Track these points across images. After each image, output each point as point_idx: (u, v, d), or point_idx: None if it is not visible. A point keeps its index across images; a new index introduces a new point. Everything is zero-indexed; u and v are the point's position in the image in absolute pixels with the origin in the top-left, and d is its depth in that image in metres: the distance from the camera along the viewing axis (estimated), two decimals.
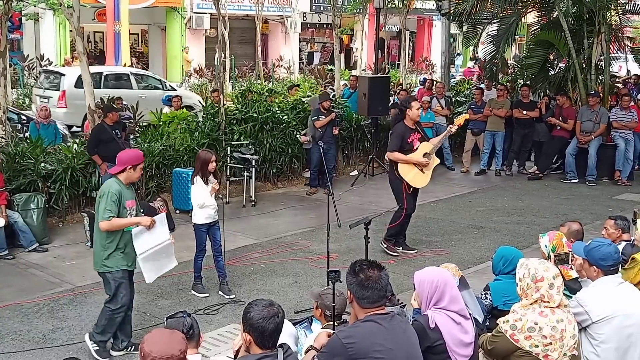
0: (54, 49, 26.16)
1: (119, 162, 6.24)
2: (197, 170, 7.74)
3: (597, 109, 13.63)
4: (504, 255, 5.54)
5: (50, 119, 12.24)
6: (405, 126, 8.86)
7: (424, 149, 8.85)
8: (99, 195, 6.14)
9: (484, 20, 16.81)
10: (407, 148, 8.82)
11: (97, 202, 6.14)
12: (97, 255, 6.26)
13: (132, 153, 6.53)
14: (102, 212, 6.03)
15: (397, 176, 8.91)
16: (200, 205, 7.62)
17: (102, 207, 6.04)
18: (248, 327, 3.59)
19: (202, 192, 7.61)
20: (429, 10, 32.51)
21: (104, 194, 6.07)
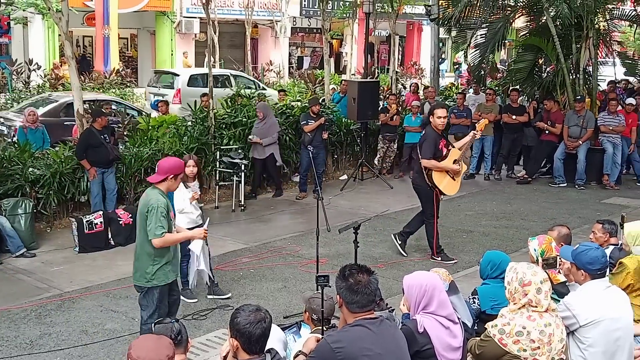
0: (43, 53, 26.03)
1: (161, 170, 5.93)
2: None
3: (584, 113, 13.70)
4: (491, 260, 5.55)
5: (38, 123, 12.17)
6: (435, 132, 8.81)
7: (453, 156, 8.79)
8: (146, 210, 5.79)
9: (473, 25, 16.87)
10: (438, 155, 8.77)
11: (143, 217, 5.81)
12: (141, 270, 5.93)
13: (174, 162, 6.18)
14: (153, 228, 5.73)
15: (429, 184, 8.83)
16: (179, 211, 7.53)
17: (153, 224, 5.74)
18: (235, 332, 3.58)
19: (180, 197, 7.52)
20: (418, 15, 32.57)
21: (152, 209, 5.75)
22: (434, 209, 8.92)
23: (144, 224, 5.83)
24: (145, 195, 5.94)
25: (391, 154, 14.78)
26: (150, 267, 5.90)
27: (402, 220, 11.11)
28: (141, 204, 5.92)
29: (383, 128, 14.53)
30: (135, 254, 6.02)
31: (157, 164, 6.05)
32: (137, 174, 11.26)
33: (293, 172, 13.75)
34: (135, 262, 6.01)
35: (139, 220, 5.89)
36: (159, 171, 5.94)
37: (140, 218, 5.88)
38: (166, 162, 6.05)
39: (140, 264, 5.96)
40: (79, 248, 9.53)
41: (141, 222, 5.86)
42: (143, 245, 5.91)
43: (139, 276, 5.97)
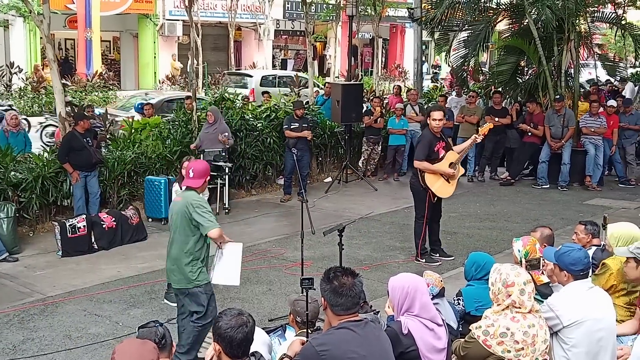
0: (25, 56, 25.89)
1: (198, 174, 5.95)
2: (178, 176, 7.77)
3: (564, 112, 13.79)
4: (475, 261, 5.58)
5: (19, 127, 12.08)
6: (432, 134, 8.79)
7: (449, 159, 8.78)
8: (191, 208, 5.79)
9: (455, 28, 16.95)
10: (433, 157, 8.76)
11: (185, 216, 5.83)
12: (184, 272, 5.93)
13: (206, 165, 6.24)
14: (209, 220, 5.79)
15: (422, 185, 8.84)
16: None
17: (207, 217, 5.80)
18: (217, 336, 3.58)
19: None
20: (401, 17, 32.71)
21: (200, 205, 5.82)
22: (425, 210, 8.92)
23: (185, 224, 5.87)
24: (183, 197, 5.97)
25: (375, 156, 14.81)
26: (191, 267, 5.93)
27: (387, 222, 11.17)
28: (180, 205, 5.93)
29: (367, 130, 14.56)
30: (172, 258, 6.02)
31: (192, 168, 6.01)
32: (120, 178, 11.20)
33: (277, 175, 13.74)
34: (174, 266, 6.00)
35: (179, 221, 5.91)
36: (196, 175, 5.95)
37: (180, 219, 5.89)
38: (200, 165, 6.11)
39: (181, 266, 5.95)
40: (62, 252, 9.47)
41: (181, 223, 5.88)
42: (183, 246, 5.92)
43: (180, 279, 5.95)
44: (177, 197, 6.07)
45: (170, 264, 6.08)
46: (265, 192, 13.38)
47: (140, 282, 8.49)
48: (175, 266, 6.01)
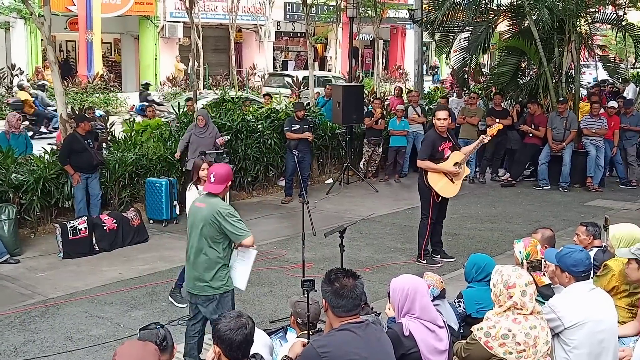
0: (26, 58, 25.89)
1: (220, 179, 5.76)
2: (191, 177, 7.79)
3: (567, 115, 13.80)
4: (476, 263, 5.57)
5: (21, 128, 12.08)
6: (437, 134, 8.81)
7: (454, 159, 8.78)
8: (219, 216, 5.61)
9: (456, 29, 16.95)
10: (437, 156, 8.76)
11: (213, 224, 5.63)
12: (212, 280, 5.74)
13: (229, 169, 5.99)
14: (243, 229, 5.65)
15: (426, 185, 8.85)
16: None
17: (240, 225, 5.65)
18: (216, 339, 3.59)
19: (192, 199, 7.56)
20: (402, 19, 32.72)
21: (231, 214, 5.65)
22: (429, 210, 8.93)
23: (213, 232, 5.67)
24: (208, 204, 5.72)
25: (376, 158, 14.81)
26: (221, 273, 5.78)
27: (388, 223, 11.17)
28: (206, 213, 5.69)
29: (368, 132, 14.57)
30: (199, 266, 5.77)
31: (213, 173, 5.79)
32: (121, 179, 11.20)
33: (278, 176, 13.74)
34: (200, 274, 5.78)
35: (206, 229, 5.68)
36: (217, 180, 5.74)
37: (207, 227, 5.67)
38: (223, 170, 5.87)
39: (210, 273, 5.75)
40: (63, 254, 9.47)
41: (209, 232, 5.67)
42: (212, 254, 5.73)
43: (207, 286, 5.77)
44: (199, 203, 5.83)
45: (195, 272, 5.82)
46: (266, 194, 13.39)
47: (141, 283, 8.49)
48: (203, 274, 5.78)
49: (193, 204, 5.95)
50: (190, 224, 5.88)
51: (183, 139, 11.72)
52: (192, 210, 5.93)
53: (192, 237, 5.83)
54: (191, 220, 5.88)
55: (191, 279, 5.87)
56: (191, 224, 5.85)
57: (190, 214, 5.93)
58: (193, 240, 5.81)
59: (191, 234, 5.85)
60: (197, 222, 5.76)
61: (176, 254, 9.60)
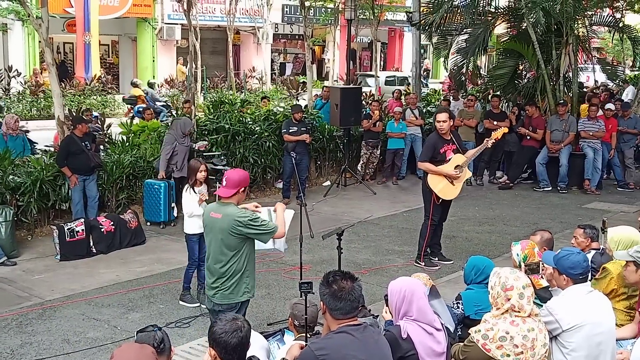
0: (23, 60, 25.88)
1: (231, 184, 5.56)
2: (187, 179, 7.80)
3: (566, 117, 13.83)
4: (475, 265, 5.57)
5: (19, 130, 12.06)
6: (438, 136, 8.83)
7: (456, 161, 8.80)
8: (244, 225, 5.45)
9: (454, 32, 16.96)
10: (439, 159, 8.78)
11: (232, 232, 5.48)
12: (237, 287, 5.68)
13: (243, 174, 5.77)
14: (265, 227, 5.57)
15: (427, 186, 8.88)
16: (188, 215, 7.65)
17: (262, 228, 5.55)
18: (212, 341, 3.58)
19: (189, 201, 7.61)
20: (399, 21, 32.75)
21: (250, 219, 5.47)
22: (431, 211, 8.94)
23: (234, 242, 5.56)
24: (225, 215, 5.54)
25: (374, 160, 14.81)
26: (247, 280, 5.72)
27: (386, 225, 11.16)
28: (223, 223, 5.52)
29: (366, 134, 14.57)
30: (219, 274, 5.64)
31: (226, 176, 5.65)
32: (118, 181, 11.19)
33: (276, 179, 13.73)
34: (221, 283, 5.67)
35: (226, 239, 5.55)
36: (228, 184, 5.57)
37: (226, 237, 5.54)
38: (235, 175, 5.66)
39: (231, 282, 5.66)
40: (60, 256, 9.45)
41: (229, 241, 5.56)
42: (231, 263, 5.62)
43: (231, 295, 5.68)
44: (215, 213, 5.62)
45: (218, 282, 5.67)
46: (263, 196, 13.37)
47: (138, 286, 8.47)
48: (226, 283, 5.66)
49: (208, 214, 5.72)
50: (207, 234, 5.76)
51: (165, 155, 11.07)
52: (207, 221, 5.73)
53: (212, 248, 5.70)
54: (208, 230, 5.73)
55: (213, 287, 5.74)
56: (208, 234, 5.73)
57: (207, 224, 5.75)
58: (214, 251, 5.68)
59: (210, 245, 5.72)
60: (215, 233, 5.62)
61: (173, 256, 9.60)
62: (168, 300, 7.97)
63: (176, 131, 11.19)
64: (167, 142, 11.17)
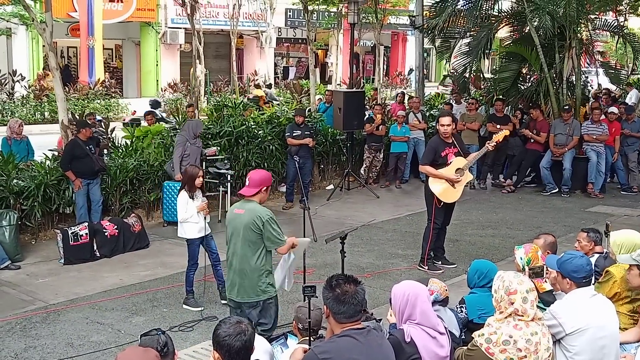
0: (27, 64, 25.95)
1: (254, 183, 5.82)
2: (183, 184, 7.79)
3: (571, 122, 13.82)
4: (478, 269, 5.56)
5: (22, 134, 12.09)
6: (440, 139, 8.84)
7: (457, 164, 8.80)
8: (259, 221, 5.70)
9: (457, 35, 16.98)
10: (440, 162, 8.79)
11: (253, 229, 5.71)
12: (253, 284, 5.81)
13: (265, 174, 6.03)
14: (279, 236, 5.79)
15: (428, 190, 8.90)
16: (182, 220, 7.67)
17: (278, 231, 5.77)
18: (216, 345, 3.58)
19: (184, 207, 7.65)
20: (402, 25, 32.78)
21: (270, 218, 5.74)
22: (433, 214, 8.95)
23: (255, 237, 5.75)
24: (247, 210, 5.80)
25: (377, 164, 14.81)
26: (264, 279, 5.84)
27: (389, 229, 11.16)
28: (246, 218, 5.76)
29: (369, 138, 14.58)
30: (242, 272, 5.83)
31: (248, 176, 5.93)
32: (122, 185, 11.21)
33: (279, 182, 13.74)
34: (243, 280, 5.84)
35: (248, 234, 5.75)
36: (251, 184, 5.82)
37: (248, 232, 5.74)
38: (257, 175, 5.92)
39: (251, 279, 5.81)
40: (64, 260, 9.47)
41: (250, 237, 5.74)
42: (254, 260, 5.78)
43: (250, 292, 5.82)
44: (238, 209, 5.88)
45: (238, 278, 5.86)
46: (267, 200, 13.35)
47: (142, 289, 8.48)
48: (246, 280, 5.83)
49: (231, 210, 5.99)
50: (230, 231, 5.90)
51: (177, 157, 11.12)
52: (230, 217, 5.95)
53: (234, 244, 5.86)
54: (231, 227, 5.89)
55: (234, 285, 5.88)
56: (231, 231, 5.88)
57: (229, 221, 5.94)
58: (235, 247, 5.85)
59: (232, 241, 5.88)
60: (238, 229, 5.81)
61: (177, 260, 9.60)
62: (172, 304, 7.98)
63: (188, 132, 11.31)
64: (178, 143, 11.26)
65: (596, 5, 15.85)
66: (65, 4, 25.14)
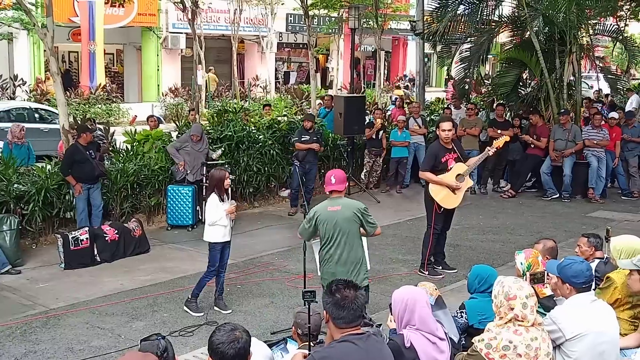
0: (28, 68, 25.97)
1: (340, 179, 6.54)
2: (211, 188, 7.80)
3: (569, 127, 13.82)
4: (479, 274, 5.56)
5: (24, 139, 12.10)
6: (440, 145, 8.83)
7: (457, 170, 8.79)
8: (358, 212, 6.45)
9: (457, 40, 17.00)
10: (440, 168, 8.78)
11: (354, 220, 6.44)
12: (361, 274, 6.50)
13: (343, 172, 6.85)
14: (375, 222, 6.58)
15: (428, 195, 8.89)
16: (211, 223, 7.65)
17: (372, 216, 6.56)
18: (210, 351, 3.56)
19: (215, 210, 7.63)
20: (403, 30, 32.79)
21: (367, 208, 6.53)
22: (432, 220, 8.94)
23: (356, 229, 6.49)
24: (343, 205, 6.48)
25: (377, 169, 14.82)
26: (364, 267, 6.59)
27: (389, 234, 11.15)
28: (347, 213, 6.42)
29: (369, 143, 14.59)
30: (353, 262, 6.46)
31: (332, 175, 6.55)
32: (123, 190, 11.21)
33: (280, 187, 13.73)
34: (355, 269, 6.45)
35: (351, 227, 6.42)
36: (337, 181, 6.52)
37: (351, 225, 6.43)
38: (340, 173, 6.65)
39: (357, 268, 6.48)
40: (64, 264, 9.47)
41: (352, 229, 6.44)
42: (358, 250, 6.51)
43: (356, 280, 6.09)
44: (331, 207, 6.47)
45: (351, 268, 6.43)
46: (267, 205, 13.38)
47: (142, 294, 8.48)
48: (354, 271, 6.42)
49: (324, 210, 6.48)
50: (332, 228, 6.43)
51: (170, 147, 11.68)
52: (326, 215, 6.46)
53: (339, 239, 6.43)
54: (331, 224, 6.43)
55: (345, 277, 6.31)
56: (333, 227, 6.43)
57: (326, 219, 6.46)
58: (341, 241, 6.42)
59: (336, 237, 6.43)
60: (340, 224, 6.42)
61: (177, 265, 9.62)
62: (172, 309, 7.98)
63: (188, 134, 11.75)
64: (179, 139, 11.89)
65: (596, 10, 15.87)
66: (66, 8, 25.18)
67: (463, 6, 16.09)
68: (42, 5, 20.28)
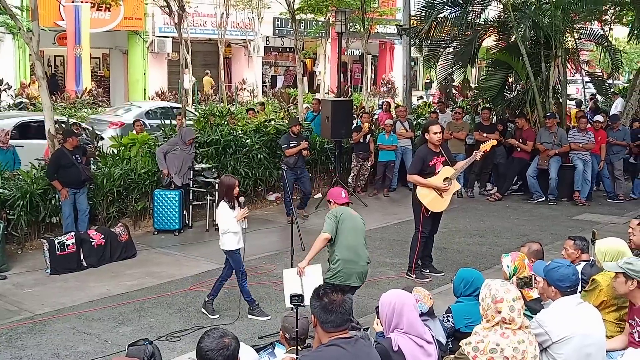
0: (14, 73, 25.81)
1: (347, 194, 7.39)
2: (221, 195, 7.86)
3: (555, 130, 13.90)
4: (464, 278, 5.58)
5: (9, 144, 12.02)
6: (428, 149, 8.87)
7: (445, 174, 8.82)
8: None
9: (443, 43, 17.05)
10: (428, 171, 8.81)
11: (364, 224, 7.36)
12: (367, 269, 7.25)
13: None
14: None
15: (416, 199, 8.92)
16: (224, 231, 7.70)
17: None
18: (199, 357, 3.55)
19: (227, 217, 7.66)
20: (390, 34, 32.89)
21: None
22: (420, 223, 8.96)
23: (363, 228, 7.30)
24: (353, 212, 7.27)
25: (365, 172, 14.82)
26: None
27: (377, 238, 11.16)
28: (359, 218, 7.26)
29: (356, 146, 14.59)
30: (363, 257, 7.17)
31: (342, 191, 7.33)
32: (109, 194, 11.16)
33: (267, 191, 13.70)
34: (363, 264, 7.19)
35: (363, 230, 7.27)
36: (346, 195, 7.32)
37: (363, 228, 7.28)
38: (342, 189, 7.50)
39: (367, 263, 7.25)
40: (50, 270, 9.41)
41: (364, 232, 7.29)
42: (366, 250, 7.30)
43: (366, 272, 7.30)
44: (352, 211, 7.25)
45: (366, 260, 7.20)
46: (255, 208, 13.34)
47: (129, 299, 8.44)
48: (366, 265, 7.18)
49: (345, 210, 7.14)
50: (352, 226, 7.07)
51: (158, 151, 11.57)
52: (348, 215, 7.12)
53: (356, 236, 7.12)
54: (352, 224, 7.08)
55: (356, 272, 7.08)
56: (354, 226, 7.09)
57: (347, 218, 7.08)
58: (357, 238, 7.13)
59: (354, 234, 7.09)
60: (358, 224, 7.15)
61: (164, 269, 9.58)
62: (159, 314, 7.95)
63: (179, 138, 11.69)
64: (168, 142, 11.81)
65: (581, 14, 15.99)
66: (52, 12, 25.03)
67: (449, 8, 16.12)
68: (27, 9, 20.18)
